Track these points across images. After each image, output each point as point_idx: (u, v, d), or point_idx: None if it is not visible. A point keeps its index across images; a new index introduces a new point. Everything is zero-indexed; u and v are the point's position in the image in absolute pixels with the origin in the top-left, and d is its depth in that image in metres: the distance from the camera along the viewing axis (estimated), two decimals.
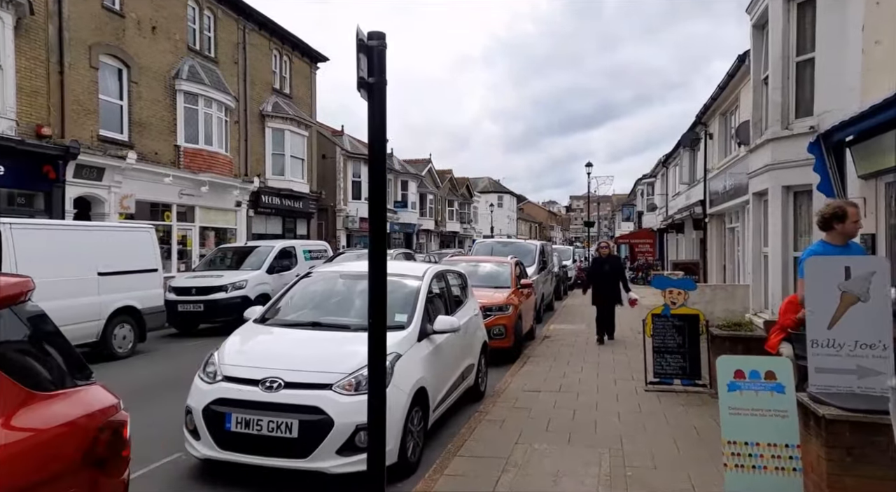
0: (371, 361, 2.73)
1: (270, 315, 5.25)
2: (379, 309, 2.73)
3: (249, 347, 4.73)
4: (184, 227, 18.80)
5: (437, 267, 6.06)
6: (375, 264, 2.71)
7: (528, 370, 8.25)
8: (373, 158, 2.64)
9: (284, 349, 4.56)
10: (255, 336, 4.90)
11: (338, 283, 5.64)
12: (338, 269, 6.08)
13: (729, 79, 13.01)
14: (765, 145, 8.62)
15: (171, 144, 17.85)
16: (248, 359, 4.44)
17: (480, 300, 8.82)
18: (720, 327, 6.82)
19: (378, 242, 2.73)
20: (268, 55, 23.27)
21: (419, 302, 5.17)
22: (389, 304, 5.32)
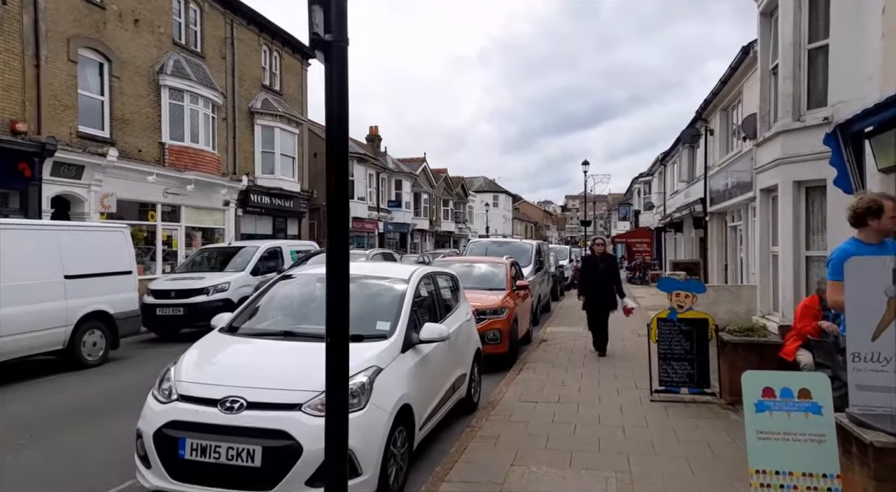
0: (331, 380, 2.23)
1: (239, 323, 4.73)
2: (339, 321, 2.22)
3: (210, 360, 4.20)
4: (169, 227, 18.23)
5: (424, 269, 5.56)
6: (336, 265, 2.19)
7: (525, 378, 7.74)
8: (333, 133, 2.14)
9: (250, 363, 4.03)
10: (217, 348, 4.37)
11: (315, 287, 5.11)
12: (316, 271, 5.56)
13: (732, 72, 12.55)
14: (774, 138, 8.14)
15: (155, 141, 17.28)
16: (208, 375, 3.91)
17: (474, 303, 8.31)
18: (731, 332, 6.34)
19: (338, 237, 2.22)
20: (257, 51, 22.71)
21: (404, 308, 4.66)
22: (371, 310, 4.86)
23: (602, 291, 9.41)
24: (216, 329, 4.67)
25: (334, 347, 2.24)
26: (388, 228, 37.46)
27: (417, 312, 4.99)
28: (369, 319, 4.60)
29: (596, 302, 9.40)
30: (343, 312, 2.26)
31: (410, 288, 4.92)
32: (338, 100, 2.08)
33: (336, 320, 2.23)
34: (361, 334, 4.32)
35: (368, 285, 5.08)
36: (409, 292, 4.85)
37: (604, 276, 9.47)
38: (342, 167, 2.21)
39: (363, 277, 5.16)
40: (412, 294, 4.87)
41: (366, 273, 5.28)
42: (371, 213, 33.98)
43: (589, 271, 9.73)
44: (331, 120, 2.14)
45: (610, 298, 9.48)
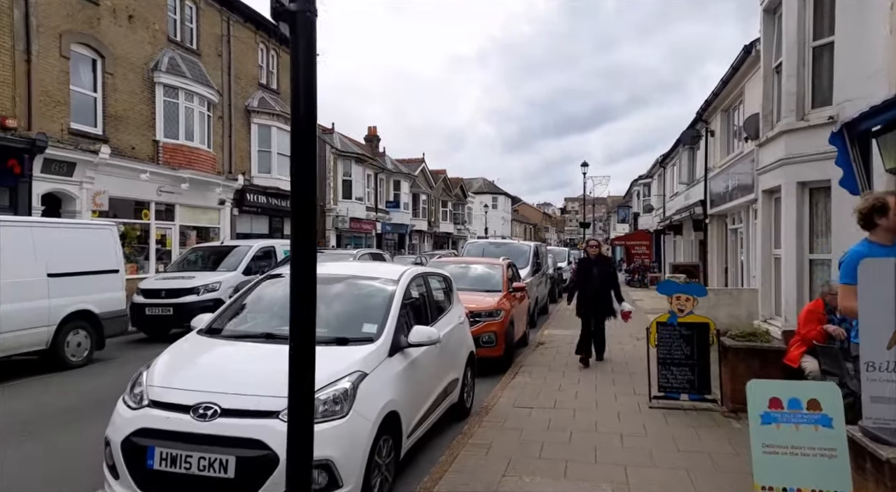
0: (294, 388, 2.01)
1: (220, 324, 4.51)
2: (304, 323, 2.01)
3: (185, 364, 3.98)
4: (163, 225, 18.01)
5: (416, 269, 5.34)
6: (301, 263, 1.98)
7: (520, 382, 7.53)
8: (300, 114, 1.94)
9: (226, 368, 3.82)
10: (194, 351, 4.16)
11: None
12: None
13: (733, 72, 12.36)
14: (777, 138, 7.95)
15: (149, 138, 17.07)
16: (182, 379, 3.70)
17: (469, 305, 8.11)
18: (733, 337, 6.13)
19: (304, 230, 2.01)
20: (253, 49, 22.51)
21: (392, 310, 4.44)
22: (358, 312, 4.64)
23: (598, 297, 8.62)
24: (194, 331, 4.46)
25: (298, 350, 2.02)
26: (387, 229, 37.25)
27: (407, 314, 4.78)
28: (356, 321, 4.39)
29: (591, 309, 8.64)
30: (308, 314, 2.04)
31: (400, 289, 4.71)
32: (304, 77, 1.88)
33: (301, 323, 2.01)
34: (347, 337, 4.12)
35: (356, 286, 4.87)
36: (398, 294, 4.64)
37: (599, 280, 8.65)
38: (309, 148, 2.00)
39: (351, 278, 4.95)
40: (401, 296, 4.66)
41: (354, 273, 5.08)
42: (369, 213, 33.77)
43: (583, 276, 8.84)
44: (297, 98, 1.94)
45: (607, 305, 8.69)
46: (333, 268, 5.27)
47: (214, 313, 4.68)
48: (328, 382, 3.58)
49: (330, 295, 4.73)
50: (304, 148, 1.99)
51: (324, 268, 5.30)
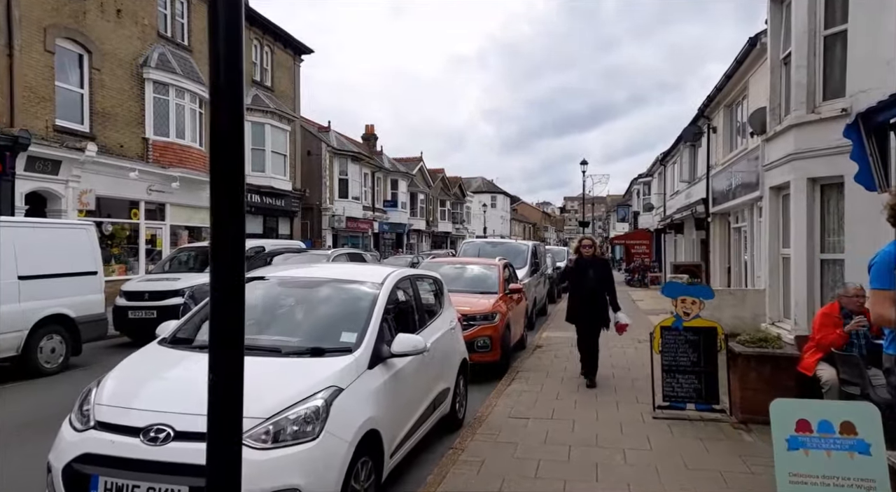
0: (213, 413, 1.63)
1: (185, 333, 4.12)
2: (227, 326, 1.63)
3: (139, 379, 3.60)
4: (153, 225, 17.63)
5: (402, 271, 4.95)
6: (223, 263, 1.60)
7: (517, 389, 7.15)
8: (220, 74, 1.55)
9: (186, 384, 3.43)
10: (151, 364, 3.77)
11: (276, 291, 4.52)
12: (280, 273, 4.95)
13: (737, 65, 11.97)
14: (786, 133, 7.57)
15: (138, 136, 16.67)
16: (133, 397, 3.31)
17: (462, 308, 7.74)
18: (743, 343, 5.75)
19: (227, 220, 1.62)
20: (247, 45, 22.02)
21: (374, 317, 4.05)
22: (335, 320, 4.23)
23: (592, 303, 7.49)
24: (155, 341, 4.07)
25: (218, 365, 1.64)
26: (384, 229, 36.87)
27: (391, 321, 4.40)
28: (333, 330, 4.01)
29: (585, 318, 7.52)
30: (233, 315, 1.65)
31: (383, 294, 4.33)
32: (226, 27, 1.50)
33: (222, 326, 1.62)
34: (322, 348, 3.74)
35: (335, 290, 4.48)
36: (381, 299, 4.25)
37: (595, 284, 7.49)
38: (235, 112, 1.61)
39: (330, 281, 4.57)
40: (385, 301, 4.27)
41: (333, 276, 4.69)
42: (366, 213, 33.39)
43: (577, 279, 7.63)
44: (216, 45, 1.56)
45: (602, 314, 7.54)
46: (311, 270, 4.89)
47: (180, 321, 4.29)
48: (298, 399, 3.20)
49: (305, 300, 4.35)
50: (231, 108, 1.61)
51: (300, 270, 4.92)
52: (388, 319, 4.33)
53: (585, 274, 7.57)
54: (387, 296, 4.35)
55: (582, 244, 7.85)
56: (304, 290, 4.50)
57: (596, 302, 7.53)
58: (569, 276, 8.01)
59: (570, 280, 7.98)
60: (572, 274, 7.80)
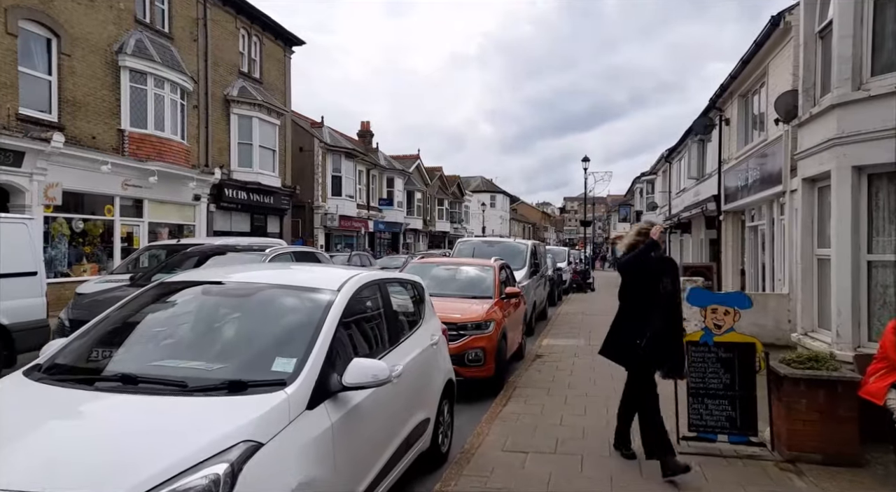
0: None
1: (67, 358, 3.10)
2: None
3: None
4: (130, 222, 16.60)
5: (366, 275, 3.90)
6: None
7: (513, 412, 6.14)
8: None
9: (38, 439, 2.40)
10: (3, 408, 2.73)
11: (196, 302, 3.49)
12: (205, 277, 3.86)
13: (757, 48, 10.95)
14: (826, 114, 6.55)
15: (113, 127, 15.65)
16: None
17: (452, 315, 6.73)
18: (789, 363, 4.74)
19: None
20: (234, 34, 21.08)
21: (322, 336, 3.03)
22: (270, 340, 3.02)
23: (664, 330, 4.55)
24: (20, 370, 3.04)
25: None
26: (379, 228, 35.86)
27: (350, 339, 3.38)
28: (264, 355, 2.98)
29: (652, 353, 4.58)
30: None
31: (337, 305, 3.30)
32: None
33: None
34: (244, 381, 2.71)
35: (274, 301, 3.45)
36: (333, 312, 3.23)
37: (669, 300, 4.62)
38: None
39: (269, 288, 3.53)
40: (339, 314, 3.25)
41: (274, 282, 3.64)
42: (360, 211, 32.36)
43: (642, 287, 4.64)
44: None
45: (677, 350, 4.72)
46: (248, 275, 3.85)
47: (67, 339, 3.25)
48: (189, 465, 2.18)
49: (233, 314, 3.33)
50: None
51: (235, 275, 3.89)
52: (346, 338, 3.32)
53: (657, 280, 4.56)
54: (342, 307, 3.32)
55: (651, 232, 4.60)
56: (233, 300, 3.48)
57: (669, 328, 4.58)
58: (631, 278, 4.73)
59: (630, 287, 4.73)
60: (636, 274, 4.68)
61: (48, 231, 14.00)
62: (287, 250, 8.52)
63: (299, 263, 6.98)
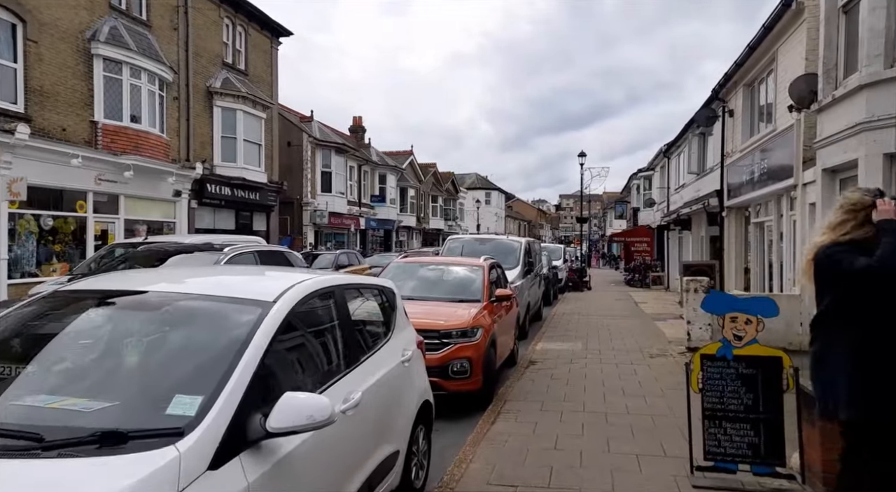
0: None
1: None
2: None
3: None
4: (104, 219, 15.78)
5: (316, 281, 3.10)
6: None
7: (502, 432, 5.43)
8: None
9: None
10: None
11: (93, 318, 2.75)
12: (104, 286, 3.03)
13: (765, 32, 10.25)
14: (852, 96, 5.86)
15: (85, 119, 14.84)
16: None
17: (436, 321, 6.03)
18: None
19: None
20: (217, 24, 20.26)
21: (242, 364, 2.30)
22: (169, 371, 1.98)
23: None
24: None
25: None
26: (371, 225, 35.10)
27: (289, 364, 2.66)
28: (160, 391, 2.25)
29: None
30: None
31: (270, 321, 2.56)
32: None
33: None
34: (124, 430, 1.98)
35: (191, 316, 2.70)
36: (263, 330, 2.49)
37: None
38: None
39: (188, 299, 2.78)
40: (271, 332, 2.51)
41: (192, 291, 2.88)
42: (351, 208, 31.60)
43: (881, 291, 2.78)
44: None
45: None
46: (172, 282, 3.10)
47: None
48: None
49: (136, 333, 2.60)
50: None
51: (142, 282, 3.15)
52: (284, 363, 2.60)
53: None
54: (278, 323, 2.59)
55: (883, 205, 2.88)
56: (139, 314, 2.74)
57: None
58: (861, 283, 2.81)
59: (862, 298, 2.84)
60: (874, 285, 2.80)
61: (14, 228, 13.22)
62: (250, 249, 7.64)
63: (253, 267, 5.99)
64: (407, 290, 7.37)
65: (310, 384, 2.76)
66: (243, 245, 7.65)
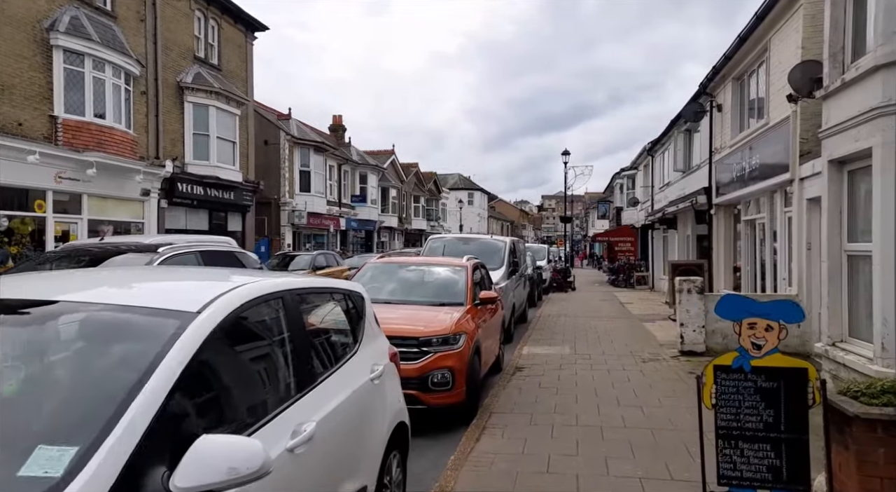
0: None
1: None
2: None
3: None
4: (65, 219, 14.92)
5: (260, 287, 2.41)
6: None
7: (488, 450, 4.86)
8: None
9: None
10: None
11: None
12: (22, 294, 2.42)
13: (758, 21, 9.84)
14: (865, 79, 5.40)
15: (44, 113, 13.99)
16: None
17: (416, 327, 5.46)
18: (858, 397, 3.54)
19: None
20: (188, 16, 19.45)
21: (139, 400, 1.69)
22: (38, 414, 1.73)
23: None
24: None
25: None
26: (352, 225, 34.36)
27: (216, 395, 2.06)
28: (19, 441, 1.63)
29: None
30: None
31: (188, 340, 1.94)
32: None
33: None
34: None
35: (87, 334, 2.06)
36: (176, 352, 1.87)
37: None
38: None
39: (78, 310, 2.13)
40: (189, 353, 1.91)
41: (95, 300, 2.18)
42: (331, 208, 30.85)
43: None
44: None
45: None
46: (89, 289, 2.41)
47: None
48: None
49: (13, 358, 1.97)
50: None
51: (34, 287, 2.51)
52: (203, 395, 2.00)
53: None
54: (199, 342, 1.97)
55: None
56: (13, 331, 2.11)
57: None
58: None
59: None
60: None
61: None
62: (192, 250, 6.81)
63: (187, 269, 5.08)
64: (384, 293, 6.80)
65: (245, 419, 2.16)
66: (184, 245, 6.86)
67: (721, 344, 9.08)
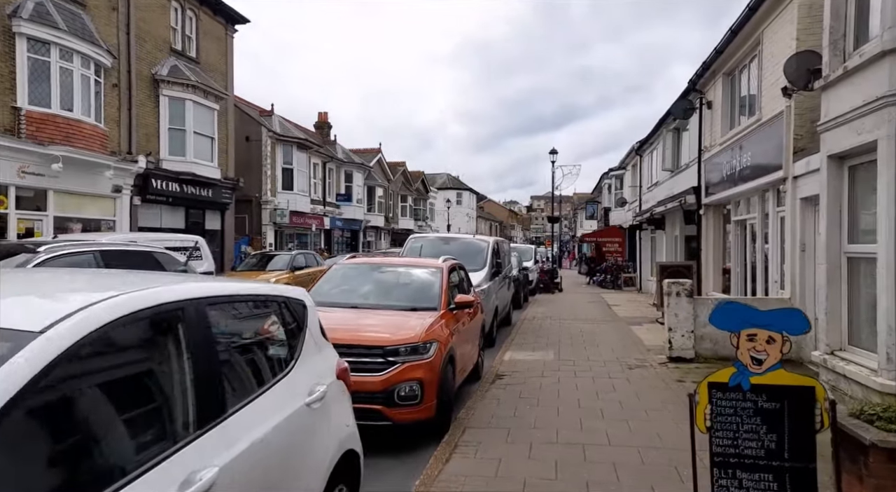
0: None
1: None
2: None
3: None
4: (30, 216, 14.24)
5: (150, 294, 1.95)
6: None
7: (458, 473, 4.37)
8: None
9: None
10: None
11: None
12: None
13: (750, 13, 9.44)
14: (869, 67, 4.98)
15: (6, 104, 13.32)
16: None
17: (379, 335, 4.97)
18: (872, 421, 3.09)
19: None
20: (164, 7, 18.79)
21: None
22: None
23: None
24: None
25: None
26: (337, 225, 33.77)
27: (56, 447, 1.55)
28: None
29: None
30: None
31: (17, 371, 1.45)
32: None
33: None
34: None
35: None
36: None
37: None
38: None
39: None
40: (15, 389, 1.41)
41: None
42: (315, 207, 30.22)
43: None
44: None
45: None
46: None
47: None
48: None
49: None
50: None
51: None
52: (45, 445, 1.49)
53: None
54: (33, 373, 1.47)
55: None
56: None
57: None
58: None
59: None
60: None
61: None
62: (89, 249, 6.01)
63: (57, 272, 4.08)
64: (352, 297, 6.30)
65: (115, 472, 1.65)
66: (75, 243, 6.11)
67: (711, 350, 8.68)
